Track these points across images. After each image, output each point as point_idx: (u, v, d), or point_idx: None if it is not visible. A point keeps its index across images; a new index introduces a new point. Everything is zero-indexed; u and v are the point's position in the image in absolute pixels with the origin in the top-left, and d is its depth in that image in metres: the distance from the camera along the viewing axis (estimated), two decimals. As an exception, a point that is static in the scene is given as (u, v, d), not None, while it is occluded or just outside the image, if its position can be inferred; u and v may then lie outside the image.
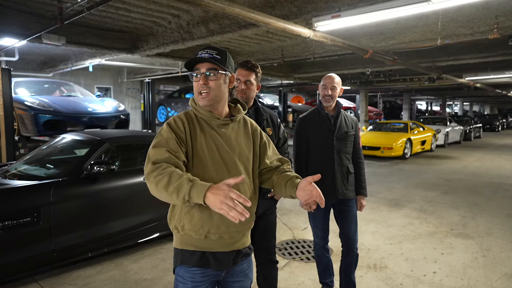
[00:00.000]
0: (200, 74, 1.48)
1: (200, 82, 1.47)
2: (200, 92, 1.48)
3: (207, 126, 1.53)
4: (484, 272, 3.38)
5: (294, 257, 3.74)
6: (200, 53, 1.48)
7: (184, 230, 1.49)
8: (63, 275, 3.27)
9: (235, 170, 1.52)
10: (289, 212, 5.27)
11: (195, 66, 1.49)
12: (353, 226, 2.75)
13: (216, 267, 1.52)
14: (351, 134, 2.75)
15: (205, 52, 1.48)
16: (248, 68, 2.30)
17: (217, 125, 1.53)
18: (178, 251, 1.53)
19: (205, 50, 1.48)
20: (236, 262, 1.58)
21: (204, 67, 1.48)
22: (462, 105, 32.12)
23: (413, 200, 6.06)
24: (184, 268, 1.51)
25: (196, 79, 1.49)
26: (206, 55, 1.47)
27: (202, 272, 1.51)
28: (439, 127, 14.25)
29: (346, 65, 9.96)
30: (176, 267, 1.55)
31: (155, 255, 3.76)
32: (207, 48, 1.50)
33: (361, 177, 2.79)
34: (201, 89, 1.48)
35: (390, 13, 3.99)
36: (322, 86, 2.66)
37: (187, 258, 1.50)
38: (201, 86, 1.47)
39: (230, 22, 5.36)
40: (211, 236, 1.48)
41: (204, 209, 1.44)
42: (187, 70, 1.56)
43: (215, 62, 1.46)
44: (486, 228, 4.62)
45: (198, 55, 1.47)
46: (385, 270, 3.43)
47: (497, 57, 7.67)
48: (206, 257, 1.50)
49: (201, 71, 1.47)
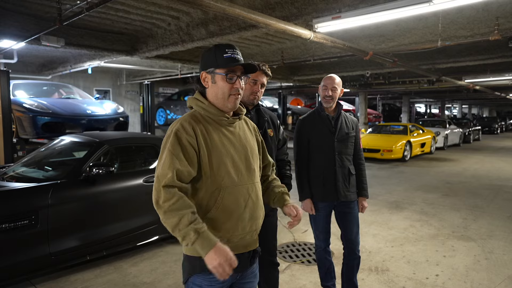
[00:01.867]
0: (236, 76, 1.47)
1: (237, 85, 1.47)
2: (233, 94, 1.48)
3: (217, 125, 1.50)
4: (487, 275, 3.35)
5: (295, 260, 3.70)
6: (231, 53, 1.46)
7: None
8: (61, 278, 3.23)
9: (250, 168, 1.53)
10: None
11: (226, 67, 1.45)
12: (355, 228, 2.72)
13: (236, 270, 1.48)
14: (352, 135, 2.72)
15: (236, 54, 1.47)
16: (264, 72, 2.29)
17: (226, 124, 1.52)
18: (196, 259, 1.44)
19: (235, 51, 1.47)
20: (253, 262, 1.58)
21: (240, 70, 1.48)
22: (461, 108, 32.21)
23: (414, 203, 6.03)
24: (202, 276, 1.45)
25: (232, 81, 1.46)
26: (240, 58, 1.47)
27: None
28: (439, 130, 14.25)
29: (345, 67, 9.96)
30: (191, 276, 1.48)
31: (154, 258, 3.72)
32: (234, 48, 1.48)
33: (362, 178, 2.77)
34: (235, 92, 1.48)
35: (390, 14, 3.98)
36: (323, 86, 2.64)
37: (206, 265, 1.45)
38: (236, 89, 1.47)
39: (229, 24, 5.34)
40: (234, 238, 1.47)
41: (227, 212, 1.45)
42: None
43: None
44: (488, 231, 4.59)
45: (231, 56, 1.45)
46: (387, 273, 3.40)
47: (496, 59, 7.67)
48: None
49: (237, 73, 1.47)
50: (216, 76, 1.47)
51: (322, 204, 2.67)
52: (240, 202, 1.46)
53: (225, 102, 1.48)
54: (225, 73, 1.45)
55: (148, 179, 3.75)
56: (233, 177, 1.46)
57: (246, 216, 1.48)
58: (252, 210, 1.50)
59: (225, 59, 1.44)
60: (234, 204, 1.45)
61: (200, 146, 1.42)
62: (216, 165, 1.43)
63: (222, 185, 1.44)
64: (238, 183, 1.46)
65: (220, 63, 1.44)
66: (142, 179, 3.73)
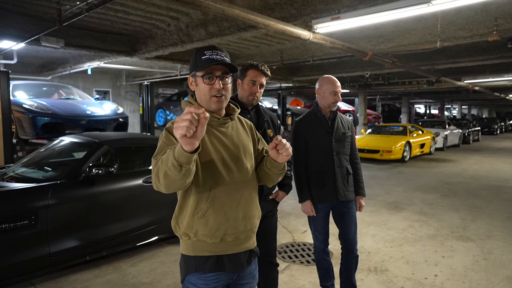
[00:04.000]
0: (215, 77, 1.45)
1: (216, 86, 1.45)
2: (214, 95, 1.46)
3: (207, 126, 1.49)
4: (485, 275, 3.36)
5: (294, 260, 3.70)
6: (209, 54, 1.44)
7: (198, 236, 1.45)
8: (60, 278, 3.24)
9: (242, 167, 1.52)
10: (288, 215, 5.24)
11: (206, 69, 1.45)
12: (353, 228, 2.72)
13: (232, 270, 1.50)
14: (348, 135, 2.74)
15: (215, 54, 1.45)
16: (263, 72, 2.30)
17: (218, 124, 1.52)
18: (190, 258, 1.48)
19: (214, 51, 1.45)
20: (250, 262, 1.58)
21: (219, 71, 1.46)
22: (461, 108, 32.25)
23: (413, 203, 6.04)
24: (197, 275, 1.47)
25: (210, 82, 1.45)
26: (219, 58, 1.44)
27: (216, 277, 1.48)
28: (438, 130, 14.25)
29: (345, 68, 9.97)
30: (187, 275, 1.49)
31: (154, 258, 3.72)
32: (214, 49, 1.46)
33: (359, 177, 2.78)
34: (216, 93, 1.46)
35: (389, 15, 3.99)
36: (332, 92, 2.58)
37: (202, 265, 1.47)
38: (215, 90, 1.46)
39: (229, 25, 5.36)
40: (227, 238, 1.47)
41: (219, 211, 1.44)
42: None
43: (229, 66, 1.46)
44: (487, 231, 4.60)
45: (209, 57, 1.44)
46: (386, 273, 3.40)
47: (495, 60, 7.68)
48: (222, 260, 1.48)
49: (215, 74, 1.45)
50: (197, 79, 1.49)
51: (321, 205, 2.68)
52: (232, 201, 1.47)
53: (208, 104, 1.48)
54: (202, 75, 1.46)
55: (147, 179, 3.75)
56: (224, 177, 1.46)
57: (239, 215, 1.48)
58: (245, 209, 1.51)
59: (203, 61, 1.44)
60: (225, 203, 1.45)
61: None
62: (206, 165, 1.43)
63: (212, 184, 1.44)
64: (229, 182, 1.47)
65: (199, 65, 1.45)
66: (142, 179, 3.74)
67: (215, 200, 1.44)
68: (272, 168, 1.56)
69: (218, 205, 1.44)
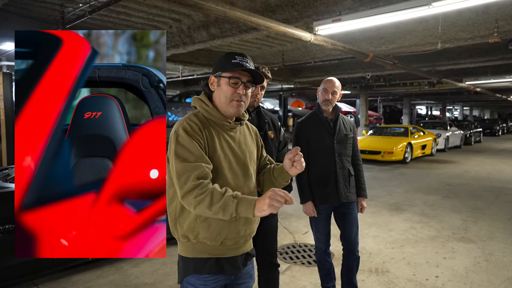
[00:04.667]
0: (240, 82, 1.47)
1: (239, 90, 1.47)
2: (235, 99, 1.48)
3: (218, 129, 1.51)
4: (487, 277, 3.36)
5: (295, 261, 3.72)
6: (240, 60, 1.46)
7: (198, 238, 1.46)
8: (62, 279, 3.25)
9: (247, 173, 1.54)
10: (290, 216, 5.25)
11: (234, 72, 1.46)
12: (354, 229, 2.74)
13: (229, 272, 1.52)
14: (350, 136, 2.75)
15: (245, 61, 1.47)
16: (264, 74, 2.31)
17: (228, 128, 1.53)
18: (189, 260, 1.50)
19: (244, 58, 1.48)
20: (245, 264, 1.60)
21: (245, 77, 1.48)
22: (462, 110, 32.19)
23: (414, 204, 6.04)
24: (196, 276, 1.49)
25: (235, 86, 1.47)
26: (248, 65, 1.47)
27: (215, 278, 1.50)
28: (440, 132, 14.24)
29: (346, 69, 9.98)
30: (186, 276, 1.51)
31: (156, 259, 3.74)
32: (245, 56, 1.49)
33: (360, 179, 2.79)
34: (238, 98, 1.48)
35: (390, 17, 4.01)
36: (323, 89, 2.65)
37: (200, 266, 1.48)
38: (238, 95, 1.48)
39: (230, 26, 5.38)
40: (227, 242, 1.48)
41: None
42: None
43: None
44: (488, 232, 4.60)
45: (240, 62, 1.46)
46: (387, 274, 3.41)
47: (497, 61, 7.68)
48: (220, 263, 1.50)
49: (242, 80, 1.47)
50: (221, 80, 1.49)
51: (323, 206, 2.69)
52: None
53: (227, 107, 1.49)
54: (229, 76, 1.47)
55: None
56: (230, 182, 1.47)
57: (240, 221, 1.49)
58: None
59: (232, 64, 1.46)
60: None
61: (204, 146, 1.44)
62: (214, 169, 1.44)
63: None
64: (234, 187, 1.47)
65: (227, 67, 1.47)
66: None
67: None
68: (279, 178, 1.59)
69: None
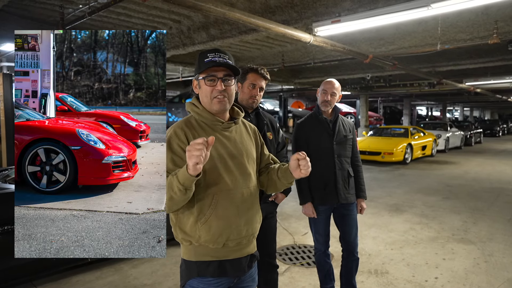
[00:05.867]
0: (216, 79, 1.46)
1: (217, 87, 1.46)
2: (216, 97, 1.47)
3: (211, 131, 1.50)
4: (486, 278, 3.36)
5: (294, 262, 3.71)
6: (212, 56, 1.46)
7: (200, 241, 1.46)
8: (62, 280, 3.25)
9: (245, 173, 1.53)
10: (289, 217, 5.25)
11: (207, 70, 1.46)
12: (353, 230, 2.74)
13: (233, 275, 1.51)
14: (349, 137, 2.76)
15: (218, 56, 1.46)
16: (263, 76, 2.32)
17: (221, 128, 1.53)
18: (192, 264, 1.48)
19: (217, 54, 1.47)
20: (250, 266, 1.59)
21: (221, 72, 1.46)
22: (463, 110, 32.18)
23: (414, 205, 6.04)
24: (199, 280, 1.48)
25: (212, 83, 1.47)
26: (221, 60, 1.46)
27: (218, 281, 1.49)
28: (440, 132, 14.24)
29: (346, 70, 9.99)
30: (189, 280, 1.50)
31: (155, 260, 3.74)
32: (217, 51, 1.48)
33: (360, 180, 2.79)
34: (218, 94, 1.47)
35: (389, 18, 4.01)
36: (322, 90, 2.66)
37: (203, 270, 1.47)
38: (217, 91, 1.47)
39: (230, 27, 5.39)
40: (229, 243, 1.47)
41: (221, 217, 1.44)
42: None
43: (232, 68, 1.47)
44: (488, 234, 4.60)
45: (211, 59, 1.45)
46: (386, 276, 3.41)
47: (497, 62, 7.69)
48: (223, 265, 1.49)
49: (217, 76, 1.46)
50: (200, 81, 1.50)
51: (322, 208, 2.69)
52: (235, 206, 1.47)
53: (211, 106, 1.49)
54: (204, 76, 1.47)
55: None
56: (227, 182, 1.46)
57: (241, 221, 1.48)
58: (248, 214, 1.51)
59: (205, 63, 1.46)
60: (228, 209, 1.45)
61: None
62: (209, 170, 1.43)
63: (215, 190, 1.44)
64: (232, 187, 1.47)
65: (201, 67, 1.47)
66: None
67: (218, 205, 1.44)
68: (282, 178, 1.56)
69: (221, 211, 1.44)
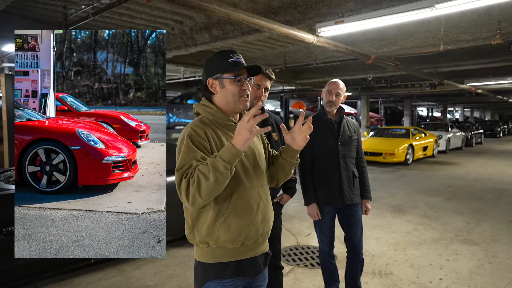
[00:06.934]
0: (243, 79, 1.52)
1: (244, 87, 1.52)
2: (242, 96, 1.52)
3: (225, 130, 1.53)
4: (491, 279, 3.35)
5: (298, 264, 3.70)
6: (235, 57, 1.52)
7: (219, 242, 1.45)
8: (65, 281, 3.24)
9: (259, 171, 1.56)
10: (292, 218, 5.24)
11: (234, 71, 1.50)
12: (358, 231, 2.73)
13: (250, 274, 1.52)
14: (354, 138, 2.75)
15: (240, 58, 1.53)
16: (268, 76, 2.33)
17: (234, 127, 1.53)
18: (210, 266, 1.48)
19: (238, 55, 1.54)
20: (266, 264, 1.61)
21: (245, 73, 1.53)
22: (463, 111, 32.18)
23: (416, 206, 6.03)
24: (216, 282, 1.48)
25: (239, 84, 1.51)
26: (242, 61, 1.54)
27: (234, 282, 1.49)
28: (441, 133, 14.23)
29: (347, 71, 9.99)
30: (206, 282, 1.49)
31: (158, 261, 3.73)
32: (236, 53, 1.54)
33: (365, 180, 2.79)
34: (244, 93, 1.53)
35: (392, 19, 4.01)
36: (327, 91, 2.66)
37: (221, 271, 1.47)
38: (243, 91, 1.52)
39: (233, 28, 5.38)
40: (248, 242, 1.49)
41: (240, 216, 1.45)
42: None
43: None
44: (491, 234, 4.59)
45: (236, 60, 1.51)
46: (391, 277, 3.40)
47: (498, 63, 7.69)
48: (241, 265, 1.49)
49: (243, 76, 1.52)
50: (224, 81, 1.51)
51: (327, 208, 2.68)
52: (252, 205, 1.49)
53: (237, 104, 1.52)
54: (234, 76, 1.50)
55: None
56: (244, 181, 1.48)
57: (258, 219, 1.50)
58: (264, 213, 1.54)
59: (231, 63, 1.50)
60: (246, 207, 1.47)
61: (212, 150, 1.45)
62: None
63: (233, 189, 1.45)
64: (249, 186, 1.49)
65: (227, 67, 1.50)
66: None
67: (236, 204, 1.46)
68: (287, 158, 1.60)
69: (239, 210, 1.46)
